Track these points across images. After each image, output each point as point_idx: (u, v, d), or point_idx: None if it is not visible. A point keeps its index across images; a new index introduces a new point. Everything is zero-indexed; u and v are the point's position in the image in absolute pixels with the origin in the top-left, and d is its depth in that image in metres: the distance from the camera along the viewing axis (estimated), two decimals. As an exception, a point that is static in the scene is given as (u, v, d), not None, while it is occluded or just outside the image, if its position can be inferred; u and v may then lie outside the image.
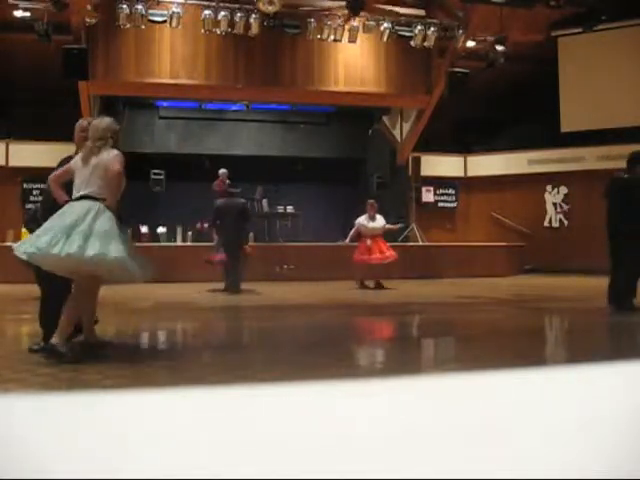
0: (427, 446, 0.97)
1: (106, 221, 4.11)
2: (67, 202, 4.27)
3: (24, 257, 4.14)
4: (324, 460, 0.92)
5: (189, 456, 0.91)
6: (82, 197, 4.20)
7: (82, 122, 4.71)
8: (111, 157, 4.26)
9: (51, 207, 4.32)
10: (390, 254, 10.26)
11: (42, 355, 4.13)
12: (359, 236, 10.35)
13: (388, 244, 10.52)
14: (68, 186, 4.32)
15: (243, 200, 9.55)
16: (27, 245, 4.11)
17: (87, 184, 4.22)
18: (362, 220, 10.32)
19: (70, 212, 4.11)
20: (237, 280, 9.26)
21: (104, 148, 4.29)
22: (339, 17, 12.05)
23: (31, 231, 8.10)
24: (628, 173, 7.05)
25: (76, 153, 4.55)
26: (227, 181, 9.67)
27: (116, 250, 4.02)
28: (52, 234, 3.98)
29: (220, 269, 9.58)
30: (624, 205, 6.81)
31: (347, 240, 10.48)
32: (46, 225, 4.09)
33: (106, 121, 4.47)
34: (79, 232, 3.98)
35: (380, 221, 10.38)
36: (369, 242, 10.15)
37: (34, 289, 8.16)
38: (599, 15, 12.39)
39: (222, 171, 9.74)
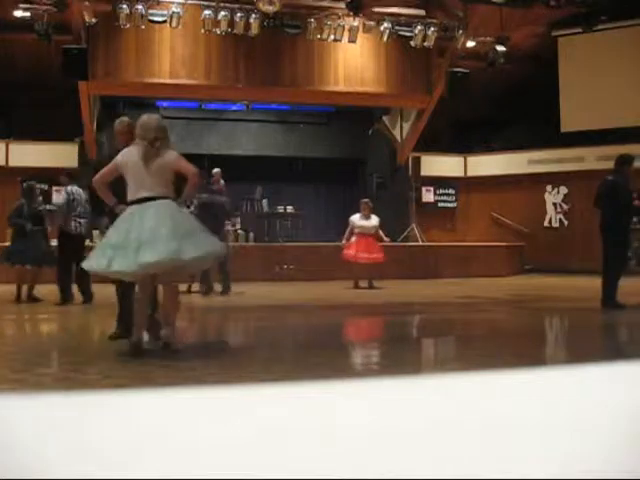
0: (427, 446, 0.97)
1: (186, 217, 4.31)
2: (118, 204, 4.30)
3: (126, 278, 4.27)
4: (324, 459, 0.92)
5: (189, 456, 0.91)
6: (145, 199, 4.20)
7: (123, 123, 4.72)
8: (175, 159, 4.35)
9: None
10: (376, 256, 10.25)
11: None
12: (352, 234, 10.40)
13: (379, 245, 10.51)
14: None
15: (225, 198, 9.43)
16: (120, 261, 4.05)
17: (150, 185, 4.23)
18: (354, 218, 10.39)
19: (146, 218, 4.12)
20: (227, 281, 9.19)
21: (163, 149, 4.31)
22: (339, 17, 12.05)
23: (16, 226, 8.04)
24: (615, 175, 7.17)
25: (117, 151, 4.52)
26: (221, 180, 9.62)
27: (211, 244, 4.28)
28: (157, 245, 3.99)
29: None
30: (612, 207, 6.97)
31: (344, 240, 10.49)
32: (129, 235, 4.05)
33: (156, 119, 4.50)
34: (169, 236, 4.03)
35: (373, 221, 10.40)
36: (353, 239, 10.26)
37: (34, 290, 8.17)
38: (599, 15, 12.37)
39: (216, 170, 9.71)
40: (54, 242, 8.02)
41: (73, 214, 7.81)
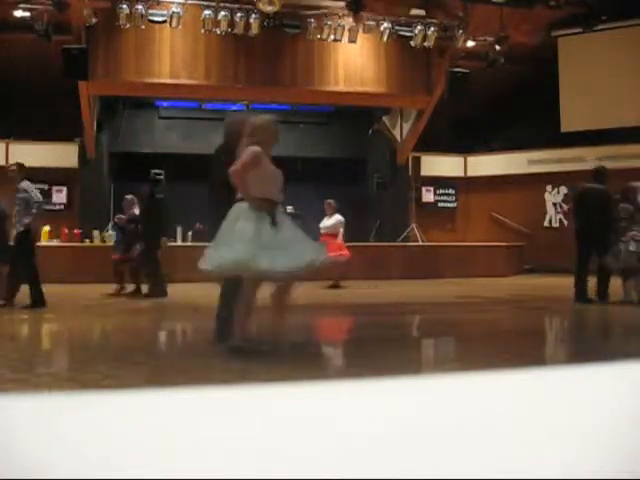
0: (427, 446, 0.97)
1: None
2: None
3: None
4: (324, 459, 0.92)
5: (189, 456, 0.91)
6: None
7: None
8: None
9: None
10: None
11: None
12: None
13: (338, 243, 10.60)
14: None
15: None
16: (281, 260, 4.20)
17: (279, 190, 4.62)
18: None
19: (285, 225, 4.49)
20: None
21: None
22: (339, 17, 12.05)
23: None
24: (590, 183, 8.16)
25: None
26: None
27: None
28: (296, 253, 4.33)
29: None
30: (578, 212, 7.98)
31: None
32: (276, 236, 4.30)
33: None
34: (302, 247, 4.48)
35: (330, 220, 10.84)
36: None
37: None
38: (599, 15, 12.37)
39: None
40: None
41: (34, 211, 7.32)
